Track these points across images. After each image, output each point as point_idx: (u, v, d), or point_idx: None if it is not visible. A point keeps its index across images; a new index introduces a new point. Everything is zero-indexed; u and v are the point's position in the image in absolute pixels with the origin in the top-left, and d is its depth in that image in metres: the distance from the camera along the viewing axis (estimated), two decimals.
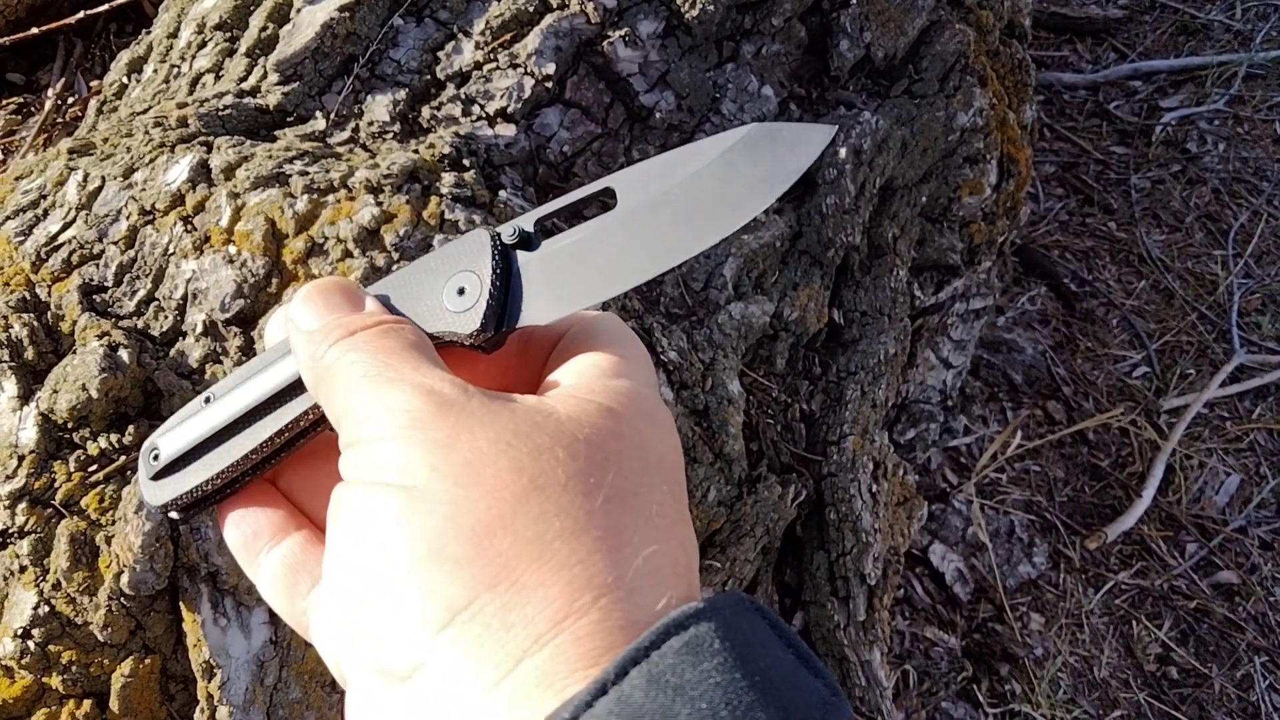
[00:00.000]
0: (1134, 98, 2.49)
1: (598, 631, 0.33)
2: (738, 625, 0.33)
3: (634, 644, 0.31)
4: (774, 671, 0.32)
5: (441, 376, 0.38)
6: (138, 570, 0.79)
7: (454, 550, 0.34)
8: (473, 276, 0.43)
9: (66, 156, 1.01)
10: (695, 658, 0.31)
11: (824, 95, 1.26)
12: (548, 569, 0.33)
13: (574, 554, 0.34)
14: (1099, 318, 2.10)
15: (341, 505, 0.38)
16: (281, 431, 0.44)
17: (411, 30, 1.09)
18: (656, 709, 0.30)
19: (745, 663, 0.32)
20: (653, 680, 0.30)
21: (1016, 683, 1.64)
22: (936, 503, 1.79)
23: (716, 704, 0.30)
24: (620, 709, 0.30)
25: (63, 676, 0.80)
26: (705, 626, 0.32)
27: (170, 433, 0.47)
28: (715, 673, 0.31)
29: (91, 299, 0.91)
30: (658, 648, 0.31)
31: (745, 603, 0.35)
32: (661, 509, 0.37)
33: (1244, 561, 1.80)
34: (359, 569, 0.36)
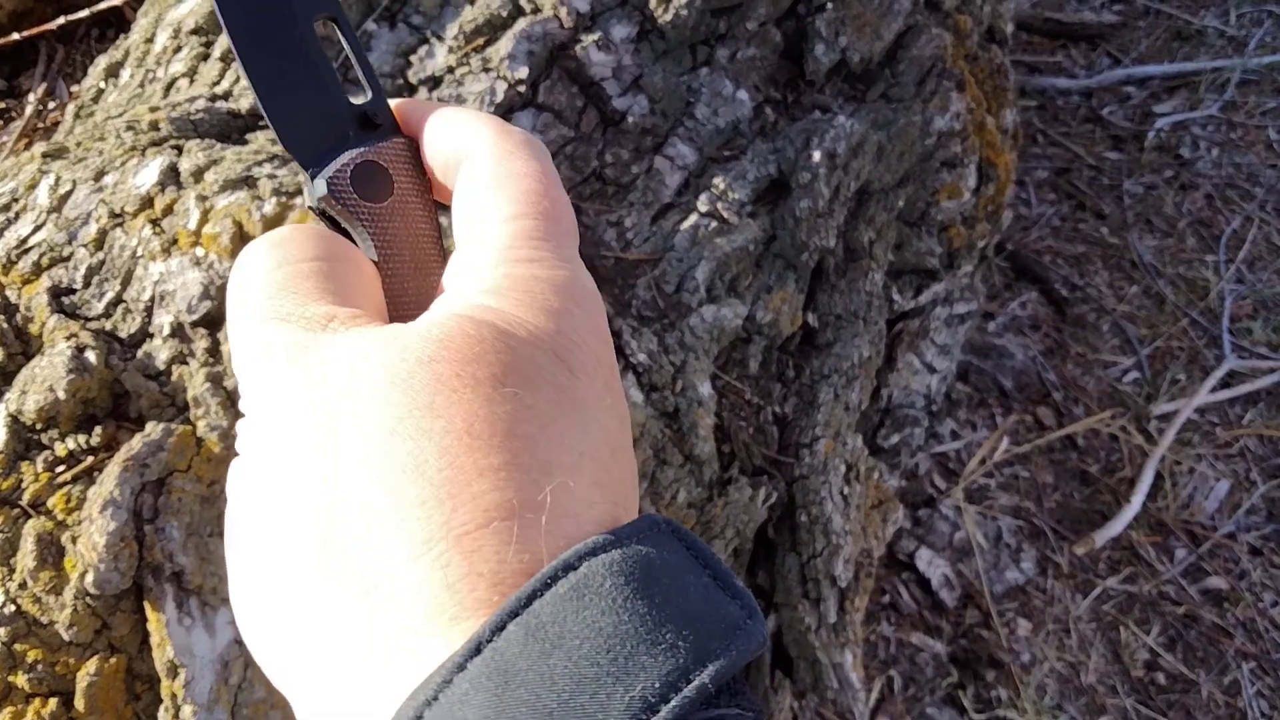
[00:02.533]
0: (1127, 103, 2.49)
1: (484, 577, 0.30)
2: (642, 554, 0.31)
3: (516, 594, 0.29)
4: (678, 600, 0.30)
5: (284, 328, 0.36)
6: (102, 570, 0.80)
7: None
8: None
9: (40, 160, 1.02)
10: (580, 602, 0.29)
11: (799, 99, 1.27)
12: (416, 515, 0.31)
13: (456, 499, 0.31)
14: (1090, 323, 2.10)
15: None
16: None
17: (385, 35, 1.10)
18: (531, 666, 0.28)
19: (643, 597, 0.29)
20: (530, 634, 0.28)
21: (1003, 689, 1.64)
22: (924, 508, 1.79)
23: (597, 651, 0.28)
24: (495, 668, 0.28)
25: (28, 675, 0.80)
26: (599, 561, 0.30)
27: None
28: (601, 616, 0.29)
29: (60, 301, 0.91)
30: (540, 595, 0.29)
31: (659, 525, 0.33)
32: (585, 433, 0.35)
33: (1233, 568, 1.79)
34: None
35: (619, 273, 1.08)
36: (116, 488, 0.81)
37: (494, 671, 0.28)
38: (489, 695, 0.28)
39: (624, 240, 1.10)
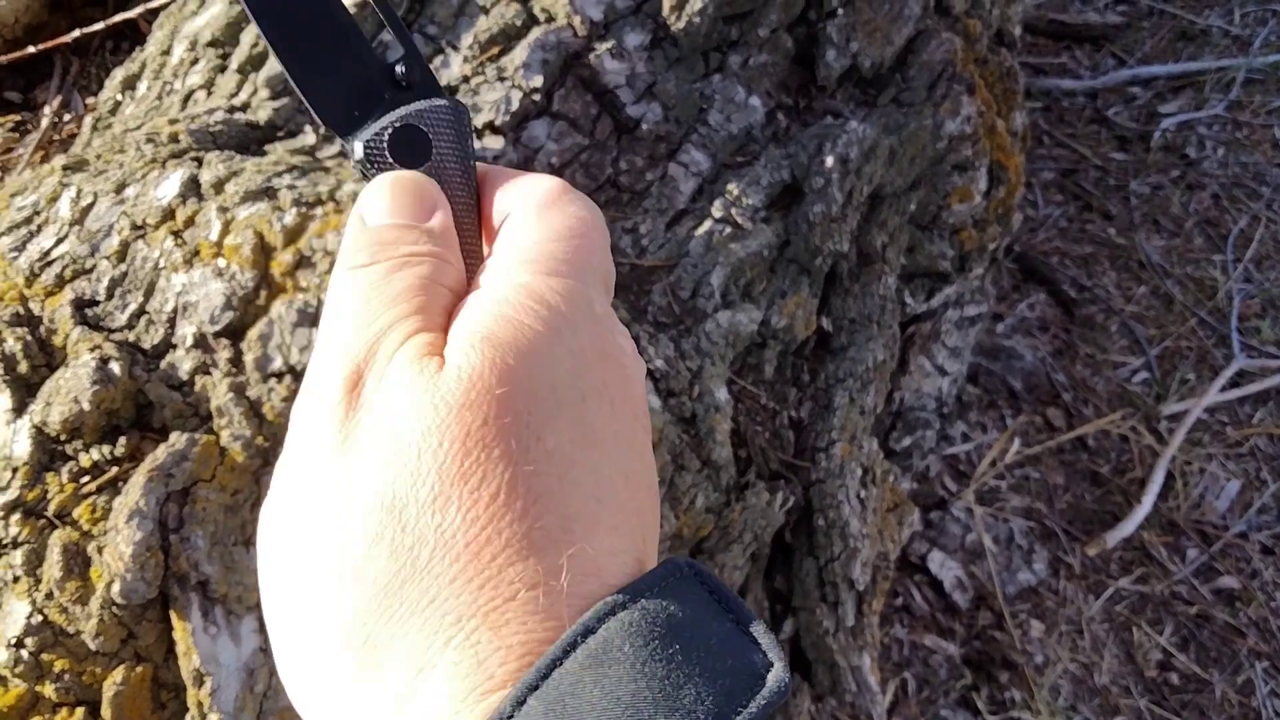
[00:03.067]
0: (1133, 104, 2.50)
1: (509, 645, 0.31)
2: (661, 609, 0.31)
3: (536, 666, 0.30)
4: (699, 655, 0.30)
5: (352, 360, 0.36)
6: (129, 579, 0.80)
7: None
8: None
9: (60, 173, 1.03)
10: (599, 670, 0.29)
11: (811, 105, 1.27)
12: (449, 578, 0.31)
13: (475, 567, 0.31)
14: (1098, 324, 2.10)
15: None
16: None
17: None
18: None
19: (661, 658, 0.30)
20: (550, 707, 0.28)
21: (1016, 690, 1.64)
22: (935, 510, 1.79)
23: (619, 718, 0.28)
24: None
25: (55, 685, 0.81)
26: (617, 622, 0.30)
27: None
28: (619, 685, 0.29)
29: (84, 313, 0.92)
30: (560, 664, 0.29)
31: (680, 570, 0.33)
32: (598, 474, 0.35)
33: (1245, 567, 1.79)
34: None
35: (635, 279, 1.08)
36: (142, 498, 0.82)
37: None
38: None
39: (639, 247, 1.10)
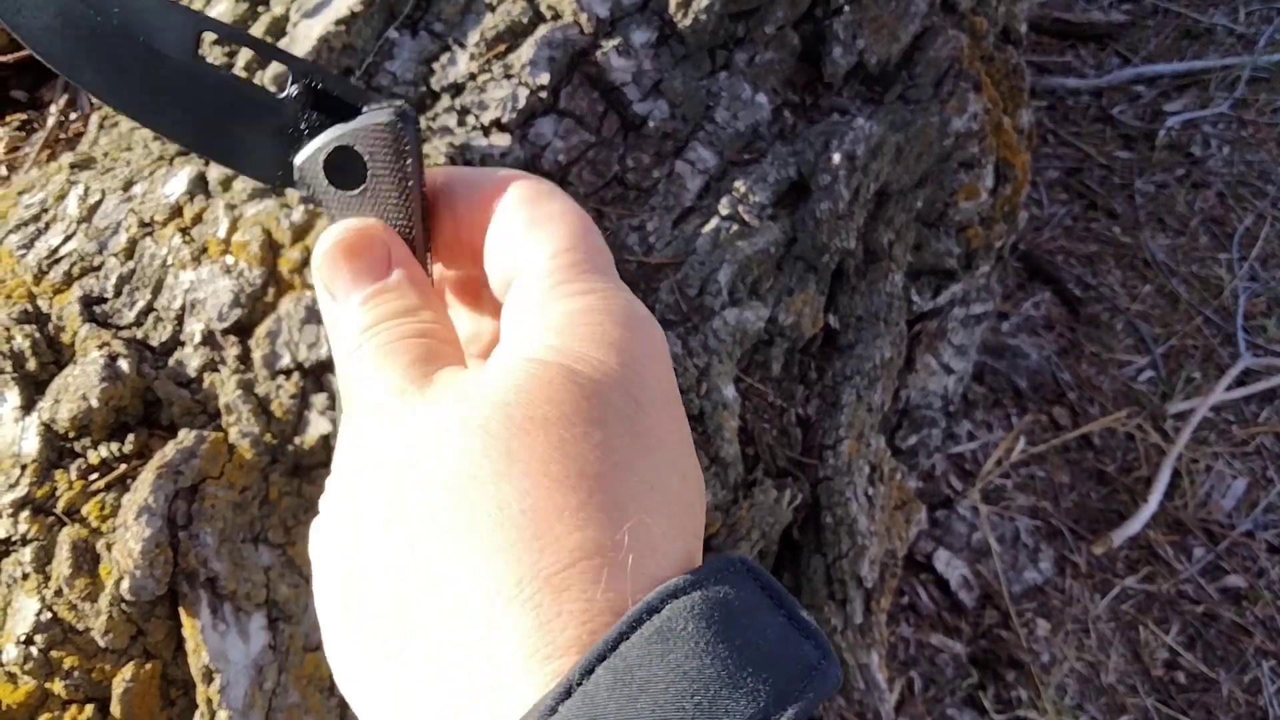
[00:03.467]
0: (1137, 102, 2.49)
1: (579, 620, 0.31)
2: (720, 595, 0.32)
3: (604, 637, 0.30)
4: (757, 641, 0.31)
5: (391, 383, 0.38)
6: (138, 576, 0.80)
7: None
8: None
9: (68, 171, 1.03)
10: (665, 645, 0.30)
11: (817, 102, 1.27)
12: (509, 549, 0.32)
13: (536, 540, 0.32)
14: (1104, 322, 2.10)
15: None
16: None
17: (407, 43, 1.11)
18: (619, 710, 0.29)
19: (723, 640, 0.30)
20: (618, 677, 0.29)
21: (1022, 689, 1.64)
22: (941, 509, 1.79)
23: (682, 695, 0.29)
24: (585, 712, 0.29)
25: (65, 682, 0.81)
26: (681, 604, 0.31)
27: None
28: (685, 660, 0.30)
29: (92, 310, 0.92)
30: (627, 637, 0.30)
31: (734, 565, 0.33)
32: (652, 463, 0.36)
33: (1251, 566, 1.79)
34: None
35: (641, 277, 1.08)
36: (151, 495, 0.82)
37: (584, 715, 0.29)
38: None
39: (646, 244, 1.10)
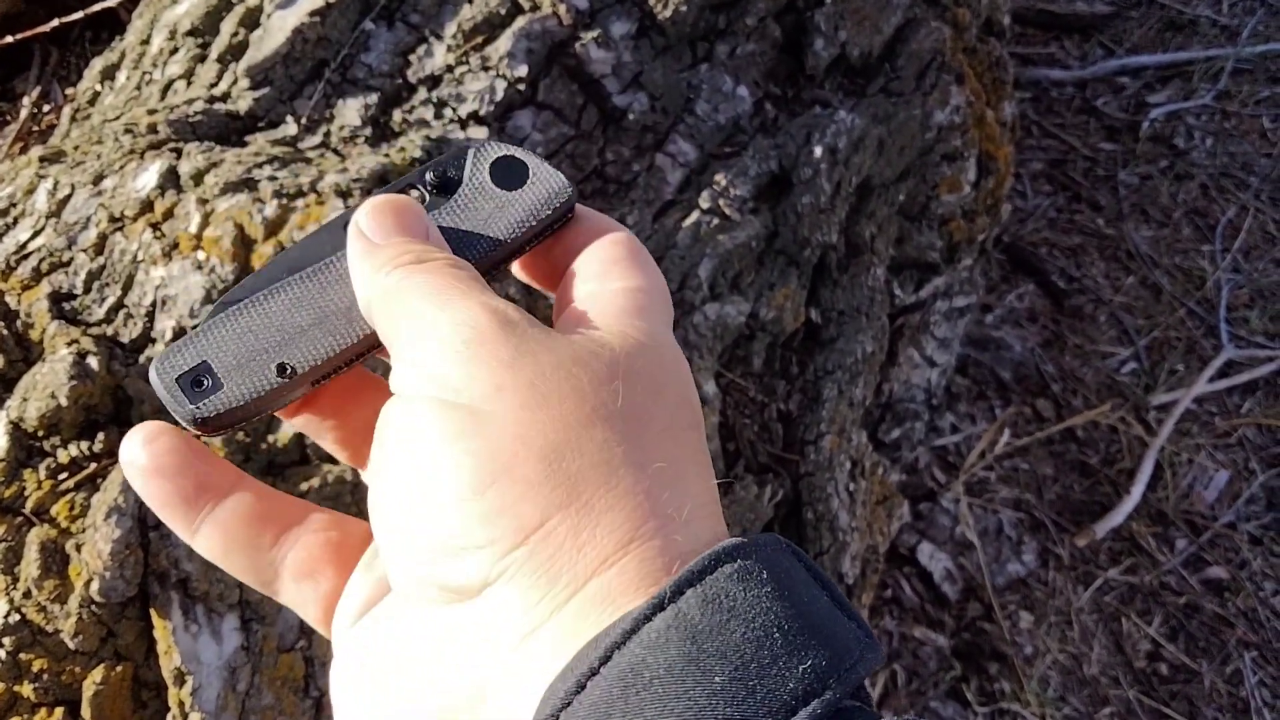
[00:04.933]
0: (1121, 94, 2.49)
1: (658, 556, 0.34)
2: (779, 562, 0.34)
3: (689, 566, 0.33)
4: (815, 607, 0.33)
5: (505, 302, 0.38)
6: (108, 577, 0.79)
7: (525, 470, 0.35)
8: None
9: (37, 164, 1.01)
10: (745, 585, 0.32)
11: (799, 95, 1.26)
12: (615, 494, 0.35)
13: (638, 482, 0.35)
14: (1087, 314, 2.10)
15: (397, 421, 0.38)
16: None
17: (383, 34, 1.09)
18: (713, 626, 0.31)
19: (790, 595, 0.33)
20: (708, 600, 0.32)
21: (1006, 681, 1.64)
22: (924, 502, 1.79)
23: (769, 628, 0.31)
24: (678, 624, 0.31)
25: (34, 685, 0.79)
26: (752, 559, 0.33)
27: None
28: (766, 599, 0.32)
29: (61, 306, 0.91)
30: (711, 572, 0.33)
31: (781, 543, 0.36)
32: (701, 449, 0.39)
33: (1233, 557, 1.79)
34: (418, 487, 0.36)
35: None
36: (121, 494, 0.81)
37: (679, 625, 0.31)
38: (683, 644, 0.31)
39: None
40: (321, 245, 0.43)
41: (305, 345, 0.41)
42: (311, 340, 0.41)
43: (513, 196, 0.43)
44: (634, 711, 0.31)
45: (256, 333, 0.41)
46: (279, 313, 0.41)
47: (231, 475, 0.43)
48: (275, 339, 0.41)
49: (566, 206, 0.43)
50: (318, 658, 0.86)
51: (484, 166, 0.44)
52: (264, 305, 0.42)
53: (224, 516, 0.42)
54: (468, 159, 0.44)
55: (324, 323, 0.41)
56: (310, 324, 0.41)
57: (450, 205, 0.43)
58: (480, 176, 0.44)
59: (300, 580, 0.43)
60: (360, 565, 0.44)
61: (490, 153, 0.44)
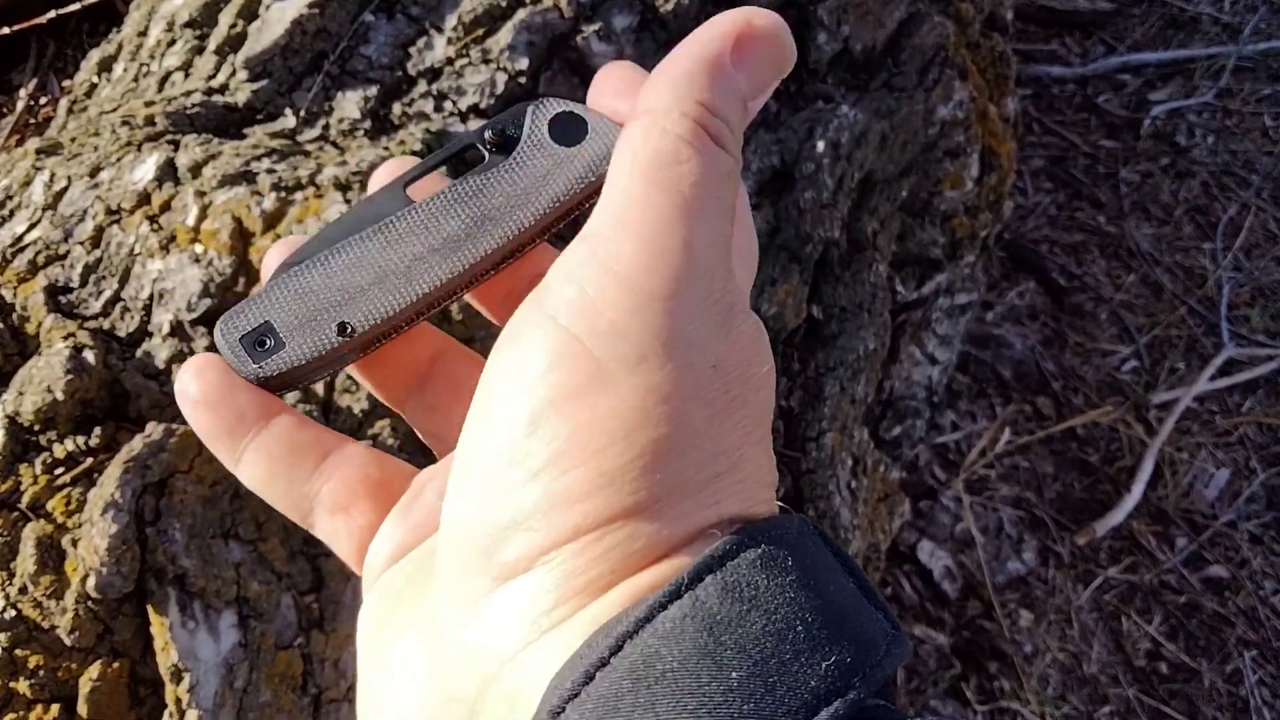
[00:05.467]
0: (1123, 91, 2.49)
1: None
2: (806, 546, 0.32)
3: (709, 550, 0.31)
4: (841, 597, 0.32)
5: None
6: (104, 573, 0.78)
7: (618, 460, 0.32)
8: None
9: (34, 157, 1.00)
10: (769, 572, 0.31)
11: (802, 89, 1.25)
12: (688, 507, 0.33)
13: (714, 498, 0.33)
14: (1088, 312, 2.09)
15: (513, 356, 0.35)
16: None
17: (383, 26, 1.08)
18: (732, 617, 0.30)
19: (816, 584, 0.31)
20: (728, 589, 0.30)
21: (1005, 680, 1.63)
22: (924, 499, 1.78)
23: (792, 620, 0.30)
24: (695, 613, 0.30)
25: (30, 681, 0.79)
26: (777, 544, 0.32)
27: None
28: (789, 589, 0.30)
29: (57, 300, 0.90)
30: (733, 558, 0.31)
31: (808, 525, 0.34)
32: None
33: (1234, 556, 1.79)
34: (504, 445, 0.34)
35: None
36: (117, 489, 0.80)
37: (696, 614, 0.30)
38: (699, 635, 0.29)
39: None
40: (381, 206, 0.43)
41: (365, 304, 0.41)
42: (371, 299, 0.41)
43: (571, 152, 0.42)
44: (644, 706, 0.29)
45: (317, 292, 0.41)
46: (339, 272, 0.42)
47: (274, 406, 0.42)
48: (335, 298, 0.41)
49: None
50: (316, 655, 0.86)
51: (542, 123, 0.43)
52: (324, 265, 0.42)
53: (265, 442, 0.42)
54: (526, 116, 0.43)
55: (383, 282, 0.41)
56: (370, 283, 0.41)
57: (509, 163, 0.43)
58: (539, 133, 0.43)
59: (334, 513, 0.43)
60: (398, 507, 0.43)
61: (548, 109, 0.43)
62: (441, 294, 0.42)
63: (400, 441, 0.90)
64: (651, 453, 0.32)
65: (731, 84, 0.36)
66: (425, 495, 0.43)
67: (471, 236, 0.42)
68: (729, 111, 0.36)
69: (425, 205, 0.42)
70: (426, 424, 0.47)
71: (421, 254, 0.41)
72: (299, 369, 0.41)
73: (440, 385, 0.46)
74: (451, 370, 0.47)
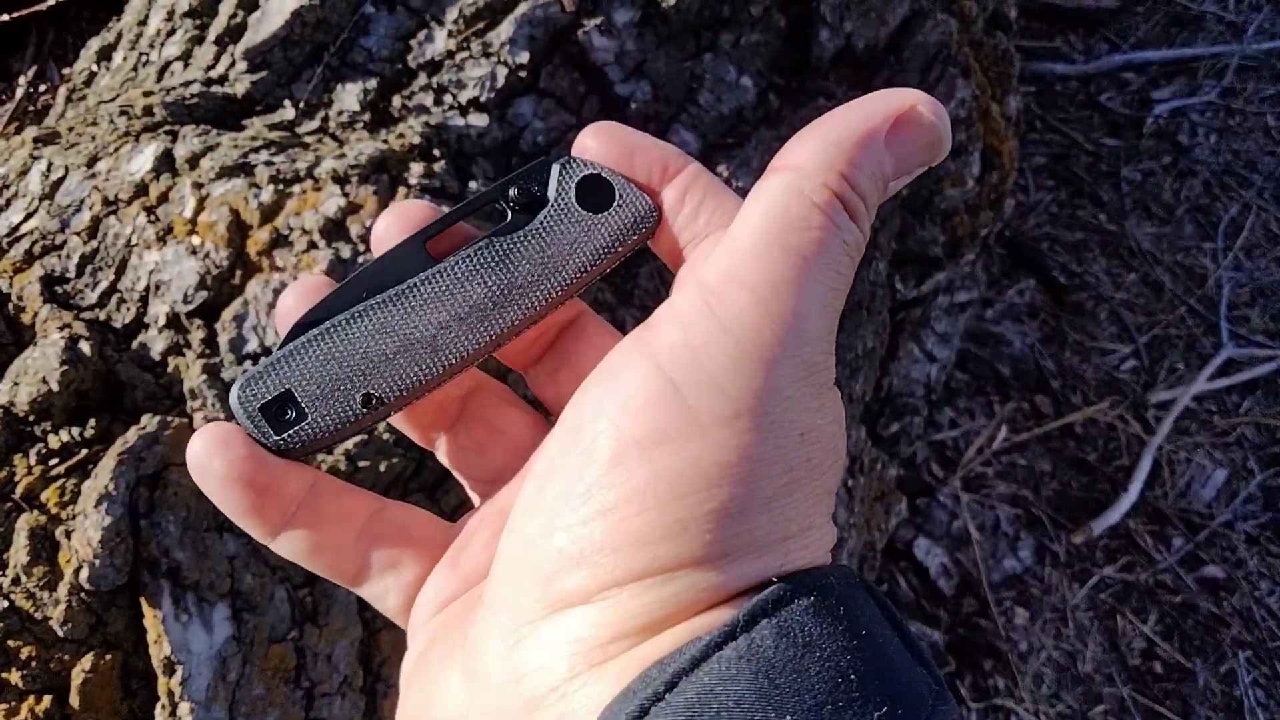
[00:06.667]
0: (1125, 89, 2.48)
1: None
2: (855, 597, 0.33)
3: (762, 596, 0.31)
4: (888, 649, 0.32)
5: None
6: (98, 565, 0.78)
7: (692, 511, 0.33)
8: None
9: (31, 145, 1.00)
10: (821, 620, 0.31)
11: (803, 85, 1.25)
12: (748, 563, 0.33)
13: (774, 554, 0.34)
14: (1087, 310, 2.09)
15: (605, 391, 0.36)
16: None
17: (383, 18, 1.08)
18: (787, 661, 0.30)
19: (866, 634, 0.32)
20: (783, 634, 0.30)
21: (1000, 678, 1.63)
22: (922, 496, 1.78)
23: (845, 669, 0.30)
24: (751, 655, 0.30)
25: (22, 672, 0.79)
26: (829, 595, 0.32)
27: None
28: (841, 637, 0.31)
29: (53, 290, 0.89)
30: (787, 604, 0.31)
31: (854, 576, 0.35)
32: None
33: (1230, 556, 1.79)
34: (586, 479, 0.34)
35: (622, 263, 1.06)
36: (111, 481, 0.80)
37: (751, 656, 0.30)
38: (756, 677, 0.30)
39: None
40: (400, 266, 0.42)
41: (391, 374, 0.41)
42: (397, 369, 0.41)
43: (599, 220, 0.42)
44: None
45: (340, 359, 0.41)
46: (362, 338, 0.41)
47: (305, 476, 0.41)
48: (359, 367, 0.41)
49: (651, 231, 0.43)
50: (309, 648, 0.86)
51: (570, 186, 0.43)
52: (346, 330, 0.41)
53: (306, 519, 0.41)
54: (552, 175, 0.43)
55: (409, 351, 0.41)
56: (395, 352, 0.41)
57: (536, 228, 0.42)
58: (566, 197, 0.43)
59: (384, 573, 0.43)
60: (445, 560, 0.43)
61: (576, 170, 0.43)
62: (468, 364, 0.42)
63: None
64: (728, 509, 0.33)
65: (879, 161, 0.36)
66: (473, 547, 0.43)
67: (499, 306, 0.41)
68: (869, 188, 0.36)
69: (449, 268, 0.42)
70: (460, 464, 0.47)
71: (447, 322, 0.41)
72: (321, 440, 0.41)
73: (474, 425, 0.46)
74: (484, 409, 0.47)
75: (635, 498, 0.33)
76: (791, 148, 0.37)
